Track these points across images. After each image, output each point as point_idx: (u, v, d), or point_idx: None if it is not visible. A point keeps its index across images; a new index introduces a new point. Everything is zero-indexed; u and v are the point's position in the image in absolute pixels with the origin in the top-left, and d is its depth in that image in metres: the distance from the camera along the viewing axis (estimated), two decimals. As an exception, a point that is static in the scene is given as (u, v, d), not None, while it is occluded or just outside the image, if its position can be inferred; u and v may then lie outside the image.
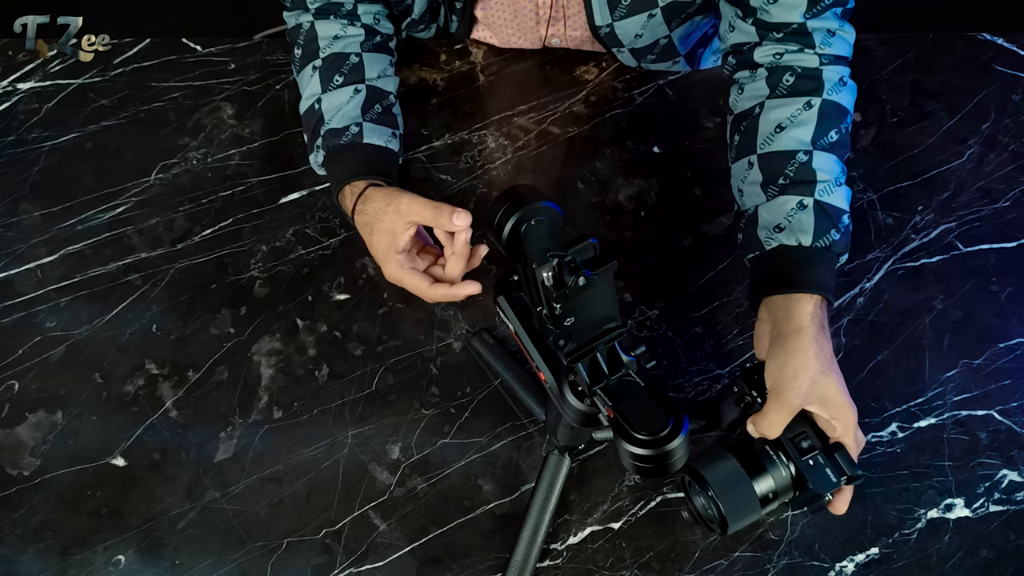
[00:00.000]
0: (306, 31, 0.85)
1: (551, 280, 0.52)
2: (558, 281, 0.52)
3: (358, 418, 0.77)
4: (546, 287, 0.52)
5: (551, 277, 0.52)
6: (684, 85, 0.98)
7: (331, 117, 0.82)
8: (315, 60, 0.84)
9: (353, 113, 0.82)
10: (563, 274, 0.51)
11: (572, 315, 0.53)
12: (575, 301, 0.53)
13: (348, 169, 0.80)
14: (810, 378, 0.66)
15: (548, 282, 0.52)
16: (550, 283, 0.52)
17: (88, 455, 0.75)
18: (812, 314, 0.69)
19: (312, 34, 0.85)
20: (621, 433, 0.54)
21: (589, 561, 0.71)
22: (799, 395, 0.65)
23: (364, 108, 0.83)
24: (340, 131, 0.82)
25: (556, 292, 0.51)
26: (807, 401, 0.66)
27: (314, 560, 0.71)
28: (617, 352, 0.57)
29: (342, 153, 0.82)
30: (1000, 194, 0.91)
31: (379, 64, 0.87)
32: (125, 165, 0.91)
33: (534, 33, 0.97)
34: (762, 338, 0.71)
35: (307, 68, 0.85)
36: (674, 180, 0.92)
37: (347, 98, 0.83)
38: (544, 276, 0.51)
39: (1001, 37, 1.02)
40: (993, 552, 0.71)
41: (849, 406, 0.67)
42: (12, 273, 0.84)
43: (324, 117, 0.82)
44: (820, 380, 0.66)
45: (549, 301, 0.52)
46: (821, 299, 0.70)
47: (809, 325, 0.68)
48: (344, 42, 0.85)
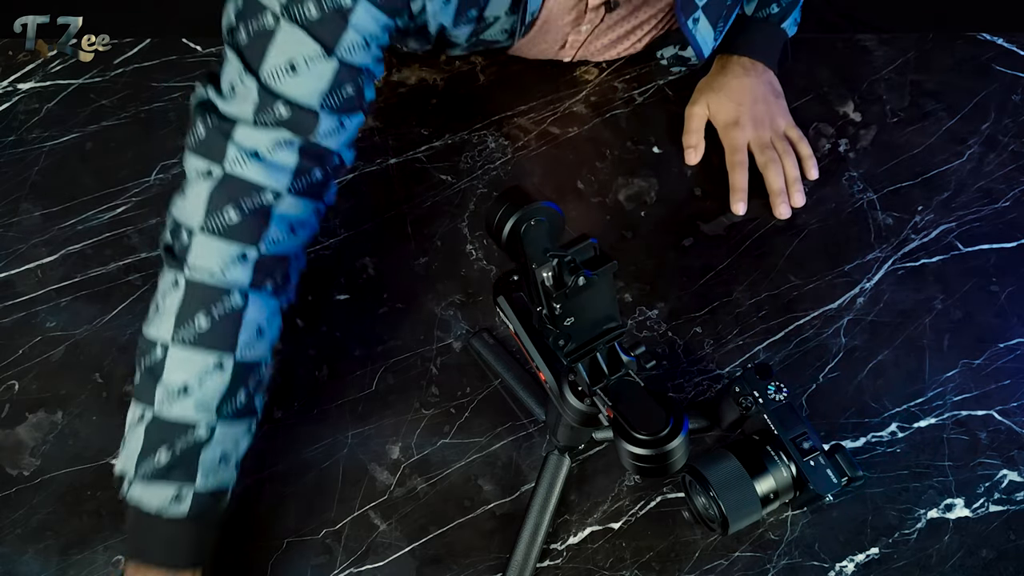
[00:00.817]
0: (231, 308, 0.64)
1: (551, 280, 0.52)
2: (558, 281, 0.52)
3: (358, 418, 0.77)
4: (546, 287, 0.52)
5: (551, 277, 0.51)
6: (684, 85, 0.98)
7: (213, 470, 0.65)
8: (226, 357, 0.65)
9: (233, 455, 0.67)
10: (563, 274, 0.51)
11: (572, 315, 0.53)
12: (575, 301, 0.52)
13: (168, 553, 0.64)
14: (710, 88, 0.93)
15: (548, 282, 0.52)
16: (550, 283, 0.52)
17: (88, 455, 0.75)
18: (735, 62, 0.93)
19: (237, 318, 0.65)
20: (621, 433, 0.54)
21: (589, 561, 0.71)
22: (697, 95, 0.94)
23: (220, 405, 0.64)
24: (216, 494, 0.65)
25: (556, 292, 0.51)
26: (701, 102, 0.93)
27: (314, 560, 0.71)
28: (617, 352, 0.57)
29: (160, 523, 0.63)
30: (1000, 194, 0.91)
31: (261, 311, 0.66)
32: (125, 165, 0.91)
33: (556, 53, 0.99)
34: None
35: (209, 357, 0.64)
36: (674, 180, 0.92)
37: (239, 435, 0.67)
38: (544, 276, 0.51)
39: (1001, 37, 1.02)
40: (993, 552, 0.71)
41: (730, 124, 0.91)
42: (12, 273, 0.84)
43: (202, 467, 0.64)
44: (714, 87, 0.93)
45: (549, 301, 0.52)
46: (747, 57, 0.93)
47: (725, 66, 0.94)
48: (267, 319, 0.67)
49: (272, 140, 0.63)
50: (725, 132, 0.93)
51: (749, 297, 0.84)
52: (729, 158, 0.92)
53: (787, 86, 0.96)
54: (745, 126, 0.91)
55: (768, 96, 0.94)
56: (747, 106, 0.92)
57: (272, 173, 0.63)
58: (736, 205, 0.89)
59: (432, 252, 0.86)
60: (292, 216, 0.66)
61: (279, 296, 0.68)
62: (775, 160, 0.90)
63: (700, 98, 0.94)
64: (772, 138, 0.92)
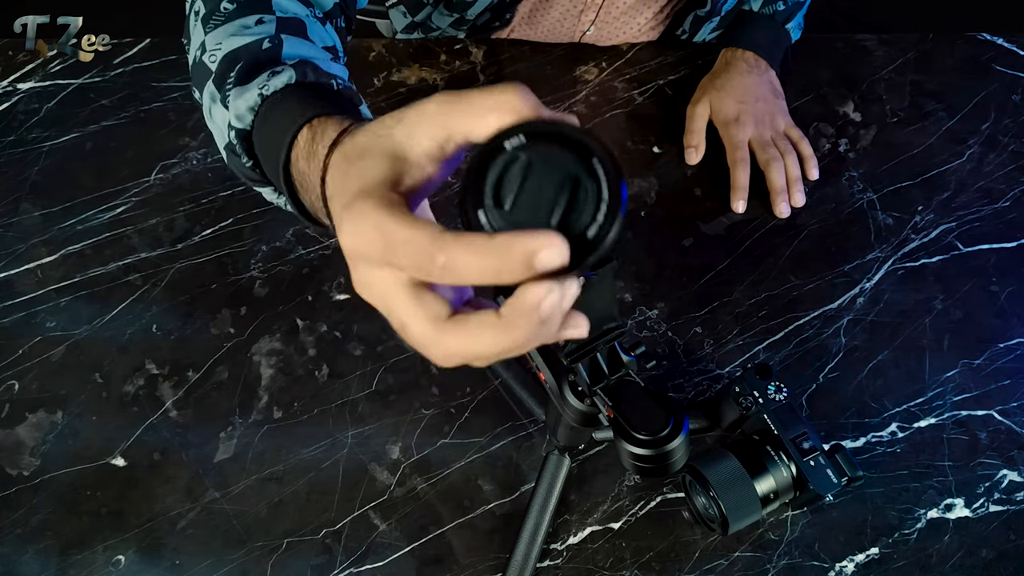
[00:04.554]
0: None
1: (551, 280, 0.51)
2: (558, 281, 0.51)
3: (358, 418, 0.77)
4: (546, 287, 0.52)
5: (551, 277, 0.51)
6: (684, 85, 0.98)
7: (311, 59, 0.50)
8: (266, 14, 0.54)
9: (341, 73, 0.52)
10: (563, 273, 0.51)
11: (572, 315, 0.53)
12: (575, 301, 0.52)
13: (330, 105, 0.45)
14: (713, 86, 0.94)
15: (548, 282, 0.51)
16: (550, 283, 0.51)
17: (88, 455, 0.75)
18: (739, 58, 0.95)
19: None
20: (621, 433, 0.54)
21: (589, 561, 0.71)
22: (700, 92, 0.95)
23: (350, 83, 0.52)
24: (329, 73, 0.49)
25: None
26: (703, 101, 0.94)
27: (314, 560, 0.71)
28: (617, 352, 0.57)
29: (328, 93, 0.48)
30: (1000, 194, 0.91)
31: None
32: (125, 165, 0.91)
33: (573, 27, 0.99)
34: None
35: (245, 18, 0.53)
36: (674, 180, 0.92)
37: (328, 57, 0.53)
38: (544, 276, 0.51)
39: (1001, 37, 1.02)
40: (993, 552, 0.71)
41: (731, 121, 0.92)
42: (12, 273, 0.84)
43: (286, 55, 0.51)
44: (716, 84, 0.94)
45: (549, 301, 0.52)
46: (751, 53, 0.95)
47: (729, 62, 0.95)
48: (311, 28, 0.56)
49: None
50: (726, 129, 0.93)
51: (749, 297, 0.84)
52: (730, 155, 0.92)
53: (787, 86, 0.97)
54: (746, 124, 0.92)
55: (769, 95, 0.94)
56: (749, 104, 0.92)
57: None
58: (736, 203, 0.89)
59: (432, 252, 0.86)
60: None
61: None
62: (777, 158, 0.90)
63: (702, 96, 0.95)
64: (773, 136, 0.92)
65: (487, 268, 0.29)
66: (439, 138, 0.33)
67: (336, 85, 0.49)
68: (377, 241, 0.30)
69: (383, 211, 0.30)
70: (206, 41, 0.53)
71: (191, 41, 0.56)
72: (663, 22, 1.01)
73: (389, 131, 0.33)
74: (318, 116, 0.43)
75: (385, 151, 0.33)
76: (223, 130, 0.51)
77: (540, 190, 0.32)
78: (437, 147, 0.33)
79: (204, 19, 0.55)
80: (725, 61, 0.96)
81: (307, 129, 0.43)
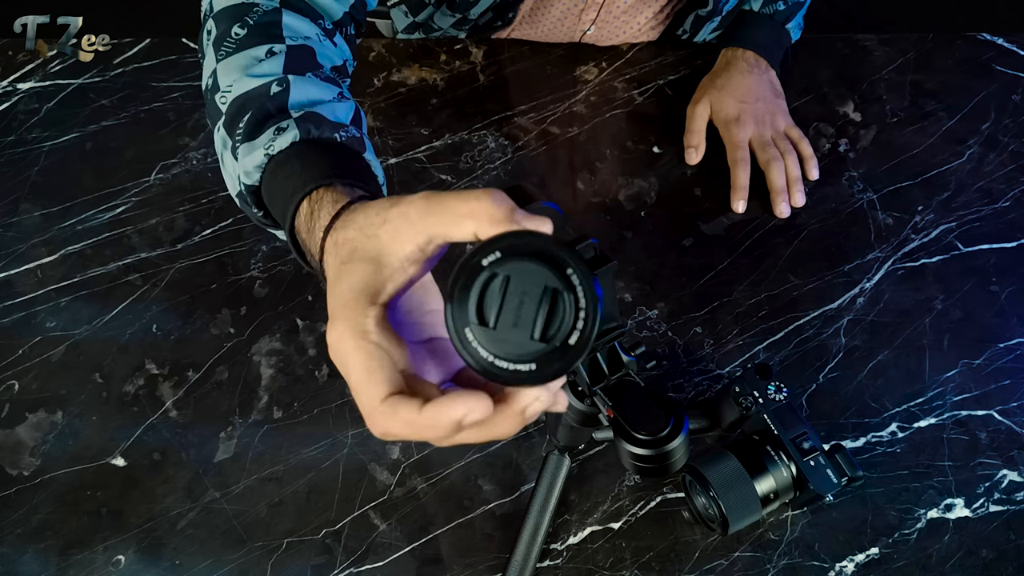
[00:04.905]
0: (263, 13, 0.58)
1: (551, 280, 0.51)
2: (558, 281, 0.51)
3: (358, 418, 0.77)
4: (546, 287, 0.52)
5: (551, 277, 0.51)
6: (684, 85, 0.98)
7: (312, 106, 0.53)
8: (276, 44, 0.56)
9: (344, 116, 0.54)
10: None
11: (572, 315, 0.53)
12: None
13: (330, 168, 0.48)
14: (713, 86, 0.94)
15: (548, 282, 0.51)
16: (550, 283, 0.51)
17: (88, 455, 0.75)
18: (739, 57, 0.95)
19: (274, 19, 0.58)
20: (621, 433, 0.54)
21: (589, 561, 0.71)
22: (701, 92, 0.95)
23: (355, 121, 0.55)
24: (332, 124, 0.52)
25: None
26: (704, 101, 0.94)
27: (314, 560, 0.71)
28: (617, 352, 0.57)
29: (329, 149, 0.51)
30: (1000, 194, 0.91)
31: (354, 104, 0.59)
32: (125, 165, 0.91)
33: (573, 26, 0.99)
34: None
35: (256, 49, 0.55)
36: (674, 180, 0.92)
37: (331, 96, 0.55)
38: (544, 276, 0.51)
39: (1001, 37, 1.02)
40: (993, 552, 0.71)
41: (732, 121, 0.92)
42: (12, 273, 0.84)
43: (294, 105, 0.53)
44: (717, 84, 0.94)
45: (549, 301, 0.52)
46: (751, 52, 0.95)
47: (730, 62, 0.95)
48: (319, 49, 0.59)
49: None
50: (727, 129, 0.93)
51: (749, 297, 0.84)
52: (731, 155, 0.92)
53: (787, 86, 0.97)
54: (747, 123, 0.92)
55: (769, 95, 0.94)
56: (749, 104, 0.92)
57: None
58: (736, 203, 0.90)
59: (432, 252, 0.86)
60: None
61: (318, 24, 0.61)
62: (777, 158, 0.90)
63: (702, 96, 0.95)
64: (774, 136, 0.92)
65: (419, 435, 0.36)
66: (420, 242, 0.36)
67: (340, 138, 0.51)
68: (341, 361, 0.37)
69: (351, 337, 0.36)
70: (218, 73, 0.56)
71: (204, 63, 0.58)
72: (663, 22, 1.01)
73: (376, 232, 0.37)
74: (316, 188, 0.46)
75: (369, 256, 0.37)
76: (234, 180, 0.54)
77: (521, 305, 0.35)
78: (418, 250, 0.37)
79: (216, 43, 0.57)
80: (725, 61, 0.96)
81: (307, 203, 0.46)
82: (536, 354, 0.35)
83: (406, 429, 0.36)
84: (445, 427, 0.36)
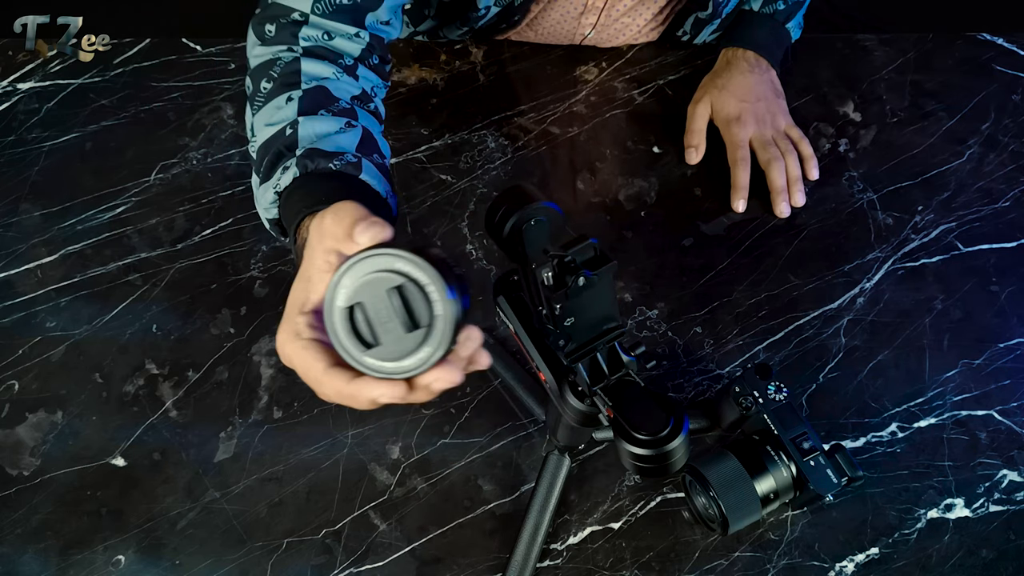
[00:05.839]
0: (285, 65, 0.66)
1: (551, 280, 0.52)
2: (558, 281, 0.51)
3: (358, 418, 0.77)
4: (546, 287, 0.52)
5: (551, 277, 0.51)
6: (684, 85, 0.98)
7: (315, 141, 0.61)
8: (294, 91, 0.64)
9: (347, 144, 0.62)
10: (563, 274, 0.51)
11: (572, 315, 0.53)
12: (575, 301, 0.52)
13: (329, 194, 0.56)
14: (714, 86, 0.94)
15: (548, 282, 0.52)
16: (550, 283, 0.52)
17: (88, 455, 0.75)
18: (740, 57, 0.95)
19: (294, 69, 0.66)
20: (621, 433, 0.54)
21: (589, 561, 0.71)
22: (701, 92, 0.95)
23: (361, 147, 0.62)
24: (328, 153, 0.60)
25: (556, 292, 0.51)
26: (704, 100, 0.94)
27: (314, 560, 0.71)
28: (617, 352, 0.57)
29: (323, 180, 0.58)
30: (1000, 194, 0.91)
31: (373, 125, 0.67)
32: (125, 165, 0.91)
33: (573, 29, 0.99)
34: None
35: (278, 99, 0.64)
36: (674, 180, 0.92)
37: (337, 128, 0.63)
38: (544, 276, 0.51)
39: (1001, 37, 1.02)
40: (993, 552, 0.71)
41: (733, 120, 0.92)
42: (12, 273, 0.84)
43: (301, 140, 0.61)
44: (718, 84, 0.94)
45: (549, 301, 0.52)
46: (752, 52, 0.95)
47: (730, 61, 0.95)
48: (336, 85, 0.66)
49: None
50: (727, 128, 0.93)
51: (749, 297, 0.84)
52: (731, 154, 0.92)
53: (787, 86, 0.97)
54: (747, 123, 0.92)
55: (770, 95, 0.94)
56: (750, 103, 0.93)
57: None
58: (736, 203, 0.90)
59: (432, 252, 0.86)
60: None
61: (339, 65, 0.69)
62: (778, 158, 0.90)
63: (703, 95, 0.95)
64: (774, 136, 0.92)
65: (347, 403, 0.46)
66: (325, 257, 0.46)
67: (335, 166, 0.59)
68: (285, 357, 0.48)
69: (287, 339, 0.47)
70: (253, 126, 0.66)
71: (247, 121, 0.68)
72: (663, 24, 1.01)
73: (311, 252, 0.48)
74: (307, 216, 0.55)
75: (302, 274, 0.49)
76: (263, 214, 0.64)
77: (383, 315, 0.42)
78: (326, 264, 0.46)
79: (251, 99, 0.67)
80: (726, 60, 0.96)
81: (302, 229, 0.56)
82: (420, 341, 0.42)
83: (338, 397, 0.46)
84: (364, 402, 0.45)
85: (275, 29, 0.67)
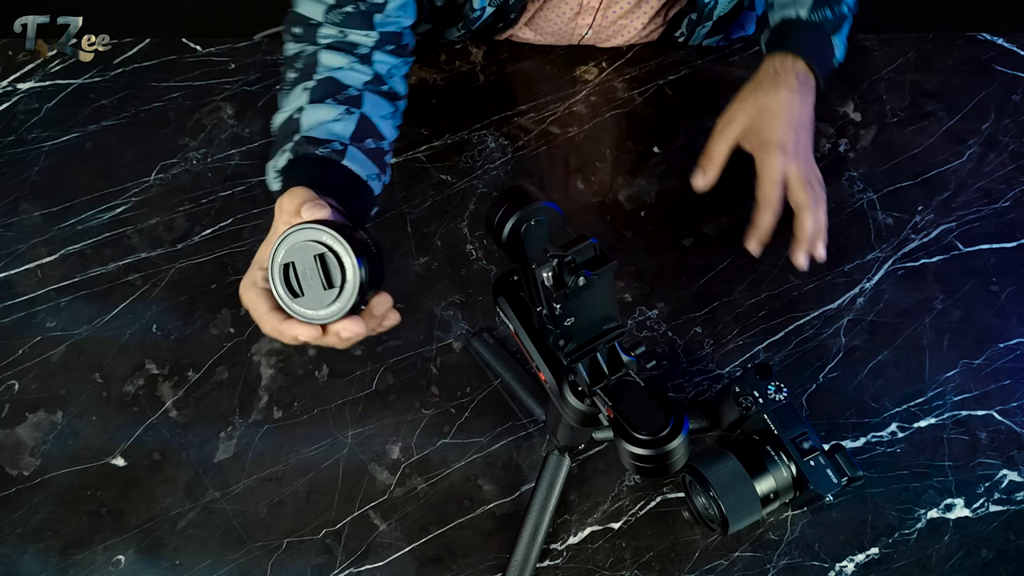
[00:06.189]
0: (307, 57, 0.75)
1: (551, 280, 0.52)
2: (558, 281, 0.52)
3: (358, 418, 0.77)
4: (546, 287, 0.52)
5: (551, 277, 0.52)
6: (684, 85, 0.98)
7: (310, 127, 0.71)
8: (308, 81, 0.74)
9: (340, 131, 0.72)
10: (563, 274, 0.51)
11: (572, 315, 0.53)
12: (575, 301, 0.53)
13: (307, 178, 0.67)
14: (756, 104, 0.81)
15: (548, 282, 0.52)
16: (550, 283, 0.52)
17: (88, 455, 0.75)
18: (789, 68, 0.82)
19: (313, 60, 0.75)
20: (621, 433, 0.54)
21: (589, 561, 0.71)
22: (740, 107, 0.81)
23: (354, 134, 0.72)
24: (319, 141, 0.70)
25: (556, 292, 0.51)
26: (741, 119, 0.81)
27: (314, 560, 0.71)
28: (617, 352, 0.57)
29: (310, 164, 0.70)
30: (1000, 194, 0.91)
31: (380, 107, 0.77)
32: (125, 165, 0.91)
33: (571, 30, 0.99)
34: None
35: (296, 88, 0.74)
36: (674, 180, 0.92)
37: (334, 116, 0.72)
38: (544, 276, 0.51)
39: (1001, 37, 1.02)
40: (993, 552, 0.71)
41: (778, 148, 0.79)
42: (12, 273, 0.84)
43: (302, 127, 0.71)
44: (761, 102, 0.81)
45: (549, 301, 0.52)
46: (803, 62, 0.83)
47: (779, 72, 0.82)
48: (347, 75, 0.75)
49: None
50: (766, 153, 0.79)
51: (749, 297, 0.84)
52: (763, 191, 0.79)
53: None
54: (791, 154, 0.79)
55: (809, 125, 0.83)
56: (795, 131, 0.80)
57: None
58: (752, 244, 0.80)
59: (432, 252, 0.86)
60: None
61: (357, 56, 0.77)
62: (815, 203, 0.79)
63: (739, 113, 0.82)
64: (810, 176, 0.80)
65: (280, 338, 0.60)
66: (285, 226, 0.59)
67: (320, 153, 0.70)
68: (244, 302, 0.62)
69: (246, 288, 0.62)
70: (279, 109, 0.75)
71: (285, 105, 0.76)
72: (661, 25, 1.01)
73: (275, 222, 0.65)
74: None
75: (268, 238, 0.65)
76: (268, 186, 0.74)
77: (308, 274, 0.56)
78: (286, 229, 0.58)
79: (280, 87, 0.77)
80: (773, 70, 0.83)
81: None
82: (334, 298, 0.55)
83: (273, 332, 0.59)
84: (289, 338, 0.58)
85: (302, 31, 0.77)
